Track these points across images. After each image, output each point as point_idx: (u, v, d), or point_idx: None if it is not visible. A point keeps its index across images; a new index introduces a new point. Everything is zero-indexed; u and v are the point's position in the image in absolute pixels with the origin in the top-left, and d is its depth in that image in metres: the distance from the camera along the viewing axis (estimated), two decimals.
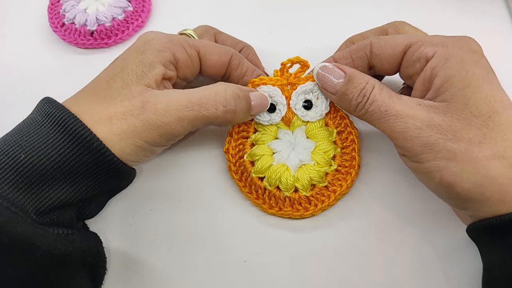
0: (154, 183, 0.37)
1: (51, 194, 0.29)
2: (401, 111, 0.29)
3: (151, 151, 0.32)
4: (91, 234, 0.33)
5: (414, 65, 0.31)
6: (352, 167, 0.35)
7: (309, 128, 0.36)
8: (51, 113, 0.29)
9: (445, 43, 0.30)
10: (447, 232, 0.33)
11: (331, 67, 0.33)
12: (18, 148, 0.28)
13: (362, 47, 0.33)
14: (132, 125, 0.30)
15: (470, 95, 0.28)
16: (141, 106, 0.30)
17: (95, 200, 0.34)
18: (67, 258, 0.27)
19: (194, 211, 0.36)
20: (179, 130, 0.31)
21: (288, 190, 0.34)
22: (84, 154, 0.29)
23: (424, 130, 0.28)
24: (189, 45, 0.34)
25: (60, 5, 0.47)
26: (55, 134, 0.29)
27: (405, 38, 0.32)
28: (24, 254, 0.24)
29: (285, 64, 0.35)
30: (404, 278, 0.32)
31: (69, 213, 0.31)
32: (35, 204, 0.28)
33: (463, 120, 0.28)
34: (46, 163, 0.28)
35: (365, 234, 0.34)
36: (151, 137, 0.30)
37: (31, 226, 0.26)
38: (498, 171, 0.26)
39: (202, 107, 0.31)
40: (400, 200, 0.35)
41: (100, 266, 0.32)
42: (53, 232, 0.28)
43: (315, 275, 0.33)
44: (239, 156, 0.36)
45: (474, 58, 0.29)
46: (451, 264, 0.32)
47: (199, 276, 0.33)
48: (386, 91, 0.31)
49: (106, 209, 0.36)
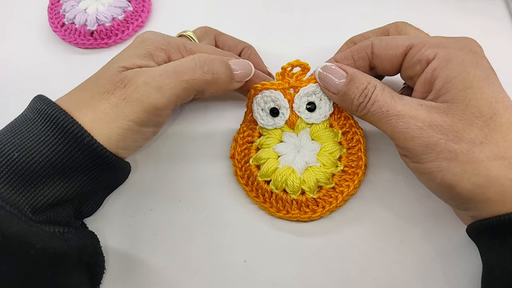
0: (154, 183, 0.37)
1: (46, 192, 0.29)
2: (402, 111, 0.29)
3: (139, 133, 0.31)
4: (88, 233, 0.33)
5: (415, 66, 0.31)
6: (359, 167, 0.35)
7: (313, 130, 0.35)
8: (42, 110, 0.30)
9: (446, 44, 0.30)
10: (448, 232, 0.33)
11: (333, 67, 0.33)
12: (11, 147, 0.28)
13: (363, 48, 0.33)
14: (115, 105, 0.30)
15: (471, 96, 0.28)
16: (120, 83, 0.30)
17: (91, 197, 0.34)
18: (62, 257, 0.27)
19: (194, 211, 0.36)
20: (162, 101, 0.30)
21: (295, 193, 0.34)
22: (76, 150, 0.29)
23: (425, 131, 0.28)
24: (186, 49, 0.34)
25: (60, 5, 0.47)
26: (46, 131, 0.29)
27: (406, 39, 0.32)
28: (19, 253, 0.24)
29: (285, 68, 0.35)
30: (405, 278, 0.32)
31: (66, 211, 0.31)
32: (30, 202, 0.28)
33: (465, 120, 0.28)
34: (39, 161, 0.28)
35: (368, 235, 0.34)
36: (136, 114, 0.30)
37: (25, 225, 0.26)
38: (499, 171, 0.26)
39: (179, 73, 0.31)
40: (404, 200, 0.35)
41: (97, 265, 0.32)
42: (48, 230, 0.28)
43: (317, 275, 0.33)
44: (245, 160, 0.36)
45: (475, 59, 0.29)
46: (452, 263, 0.32)
47: (199, 276, 0.33)
48: (388, 91, 0.31)
49: (106, 208, 0.36)
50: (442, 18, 0.46)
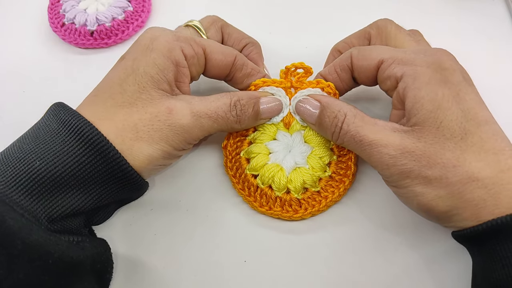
0: (154, 183, 0.37)
1: (64, 202, 0.29)
2: (374, 140, 0.29)
3: (172, 156, 0.32)
4: (101, 241, 0.33)
5: (386, 82, 0.31)
6: (346, 176, 0.35)
7: (307, 133, 0.36)
8: (66, 120, 0.29)
9: (414, 61, 0.30)
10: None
11: (307, 99, 0.34)
12: (34, 155, 0.28)
13: (343, 60, 0.34)
14: (159, 130, 0.30)
15: (442, 118, 0.28)
16: (168, 112, 0.31)
17: (104, 209, 0.34)
18: (78, 266, 0.27)
19: (194, 211, 0.36)
20: (198, 134, 0.32)
21: (280, 191, 0.34)
22: (99, 162, 0.29)
23: (398, 159, 0.28)
24: (196, 43, 0.34)
25: (60, 5, 0.47)
26: (71, 142, 0.29)
27: (379, 53, 0.32)
28: (37, 261, 0.24)
29: (289, 68, 0.35)
30: (395, 284, 0.32)
31: (78, 221, 0.31)
32: (48, 211, 0.28)
33: (436, 144, 0.28)
34: (61, 171, 0.28)
35: (356, 239, 0.34)
36: (177, 141, 0.31)
37: (44, 234, 0.26)
38: (473, 193, 0.26)
39: (218, 116, 0.32)
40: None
41: (107, 272, 0.32)
42: (65, 239, 0.28)
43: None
44: (236, 152, 0.36)
45: (443, 77, 0.29)
46: (443, 269, 0.32)
47: (199, 276, 0.33)
48: (359, 118, 0.30)
49: None
50: (442, 18, 0.46)
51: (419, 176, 0.28)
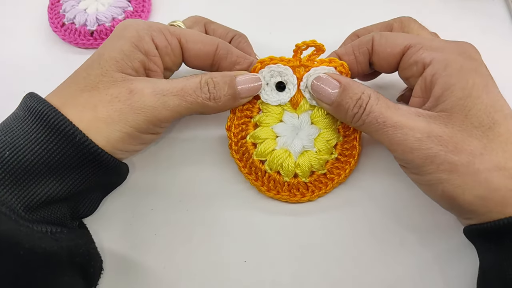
0: (154, 183, 0.37)
1: (38, 190, 0.28)
2: (399, 122, 0.28)
3: (138, 138, 0.32)
4: (81, 233, 0.32)
5: (411, 68, 0.31)
6: (351, 156, 0.35)
7: (315, 114, 0.35)
8: (32, 107, 0.29)
9: (445, 49, 0.30)
10: (446, 233, 0.33)
11: (325, 77, 0.32)
12: (3, 145, 0.28)
13: (364, 43, 0.33)
14: (119, 110, 0.30)
15: (471, 106, 0.27)
16: (128, 92, 0.30)
17: (87, 197, 0.33)
18: (52, 257, 0.27)
19: (194, 211, 0.36)
20: (164, 115, 0.31)
21: (288, 176, 0.34)
22: (68, 147, 0.29)
23: (424, 142, 0.27)
24: (170, 32, 0.33)
25: (60, 5, 0.47)
26: (37, 129, 0.29)
27: (406, 39, 0.31)
28: (7, 253, 0.24)
29: (299, 47, 0.34)
30: (402, 277, 0.32)
31: (61, 211, 0.30)
32: (23, 201, 0.28)
33: (464, 131, 0.27)
34: (31, 159, 0.28)
35: (360, 224, 0.34)
36: (138, 122, 0.30)
37: (14, 224, 0.26)
38: (500, 182, 0.26)
39: (184, 93, 0.31)
40: (397, 193, 0.35)
41: (91, 266, 0.31)
42: (38, 230, 0.28)
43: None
44: (241, 136, 0.36)
45: (474, 66, 0.29)
46: (450, 264, 0.32)
47: (199, 276, 0.33)
48: (383, 101, 0.30)
49: (105, 208, 0.36)
50: (442, 18, 0.46)
51: (444, 162, 0.27)
